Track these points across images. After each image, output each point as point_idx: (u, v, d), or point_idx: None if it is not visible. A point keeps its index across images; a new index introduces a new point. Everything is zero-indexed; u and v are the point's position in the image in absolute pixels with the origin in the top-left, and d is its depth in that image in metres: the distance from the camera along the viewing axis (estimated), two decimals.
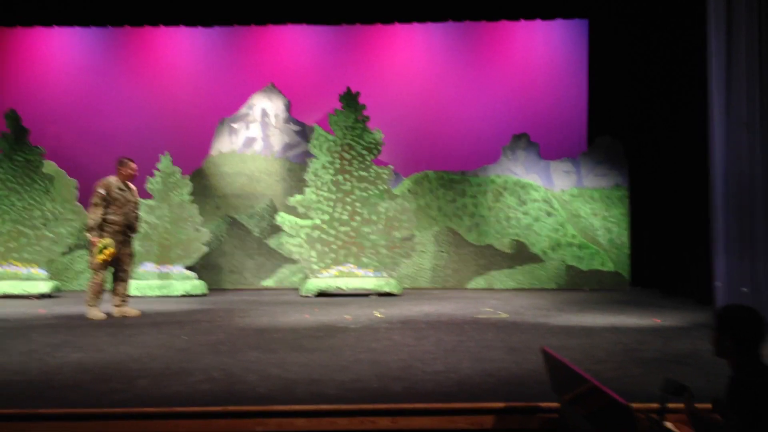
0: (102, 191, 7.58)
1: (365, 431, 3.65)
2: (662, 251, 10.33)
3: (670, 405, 3.10)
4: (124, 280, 7.88)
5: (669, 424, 2.93)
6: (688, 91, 9.08)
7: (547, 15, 11.58)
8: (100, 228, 7.58)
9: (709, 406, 2.95)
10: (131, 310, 7.83)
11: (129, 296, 8.10)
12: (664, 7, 10.04)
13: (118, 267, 7.78)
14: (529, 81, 12.19)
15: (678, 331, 6.57)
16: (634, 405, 2.59)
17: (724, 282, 7.08)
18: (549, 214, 11.40)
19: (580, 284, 11.21)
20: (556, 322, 7.17)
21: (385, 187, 10.43)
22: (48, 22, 11.65)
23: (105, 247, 7.50)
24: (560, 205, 11.42)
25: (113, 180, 7.74)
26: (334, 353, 5.34)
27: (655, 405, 3.42)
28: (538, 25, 12.11)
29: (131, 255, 8.04)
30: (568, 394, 3.35)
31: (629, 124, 11.36)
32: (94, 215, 7.55)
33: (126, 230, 7.82)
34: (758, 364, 2.93)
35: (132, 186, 7.96)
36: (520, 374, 4.58)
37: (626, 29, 11.32)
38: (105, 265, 7.59)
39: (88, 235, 7.59)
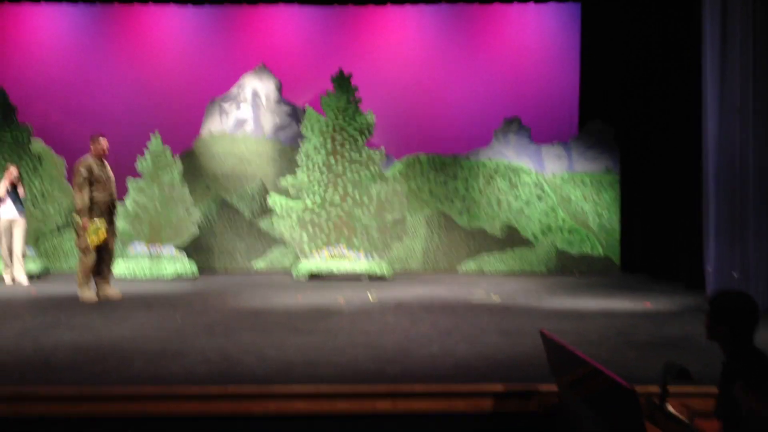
0: (84, 171, 7.47)
1: (365, 414, 3.66)
2: (652, 236, 10.38)
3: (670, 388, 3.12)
4: (108, 261, 7.78)
5: (670, 407, 2.96)
6: (681, 77, 9.09)
7: None
8: (88, 209, 7.49)
9: (709, 389, 2.97)
10: (113, 291, 7.75)
11: (112, 277, 8.03)
12: None
13: (102, 247, 7.66)
14: (521, 64, 12.15)
15: (669, 315, 6.63)
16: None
17: (714, 267, 7.16)
18: (540, 198, 11.43)
19: (570, 268, 11.26)
20: (548, 305, 7.21)
21: (377, 169, 10.40)
22: None
23: (98, 229, 7.43)
24: (551, 189, 11.44)
25: (90, 159, 7.63)
26: (330, 335, 5.34)
27: (653, 388, 3.45)
28: (531, 8, 12.06)
29: (115, 234, 7.97)
30: (567, 377, 3.36)
31: (621, 108, 11.36)
32: (82, 197, 7.43)
33: (110, 208, 7.74)
34: (752, 349, 2.95)
35: (106, 162, 7.84)
36: (516, 357, 4.61)
37: (619, 13, 11.28)
38: (95, 246, 7.52)
39: (77, 217, 7.48)
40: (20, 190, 9.34)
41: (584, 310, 6.89)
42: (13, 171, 9.23)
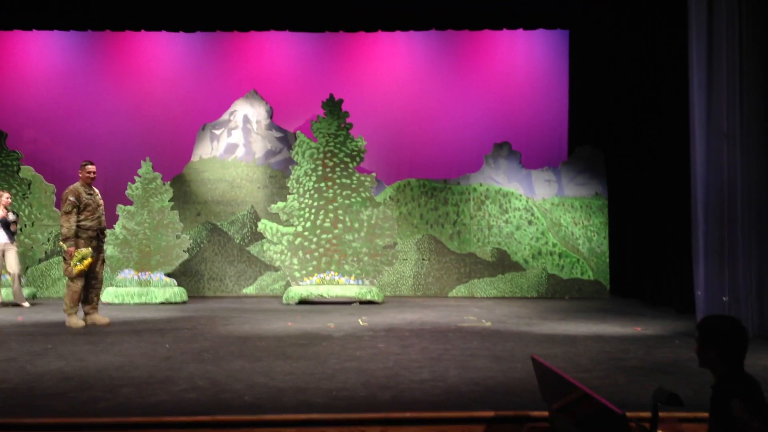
0: (72, 198, 7.48)
1: None
2: (642, 260, 10.41)
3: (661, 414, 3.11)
4: (96, 288, 7.76)
5: None
6: (669, 102, 9.19)
7: (529, 25, 11.66)
8: (75, 235, 7.48)
9: (700, 414, 2.96)
10: (101, 318, 7.71)
11: (100, 303, 8.02)
12: (644, 18, 10.15)
13: (91, 274, 7.65)
14: (511, 90, 12.26)
15: (660, 339, 6.62)
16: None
17: (704, 291, 7.16)
18: (530, 223, 11.46)
19: (561, 293, 11.27)
20: (539, 330, 7.20)
21: (368, 194, 10.41)
22: (27, 25, 11.48)
23: (83, 258, 7.40)
24: (541, 213, 11.48)
25: (79, 186, 7.64)
26: (320, 361, 5.31)
27: (643, 413, 3.44)
28: (520, 35, 12.20)
29: (104, 261, 7.99)
30: (558, 402, 3.35)
31: (609, 133, 11.47)
32: (69, 224, 7.44)
33: (99, 235, 7.73)
34: (741, 374, 2.94)
35: (95, 189, 7.86)
36: (507, 383, 4.59)
37: (607, 40, 11.44)
38: (82, 273, 7.49)
39: (63, 245, 7.46)
40: (10, 217, 9.35)
41: (575, 334, 6.88)
42: (6, 198, 9.32)
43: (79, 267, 7.41)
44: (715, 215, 7.03)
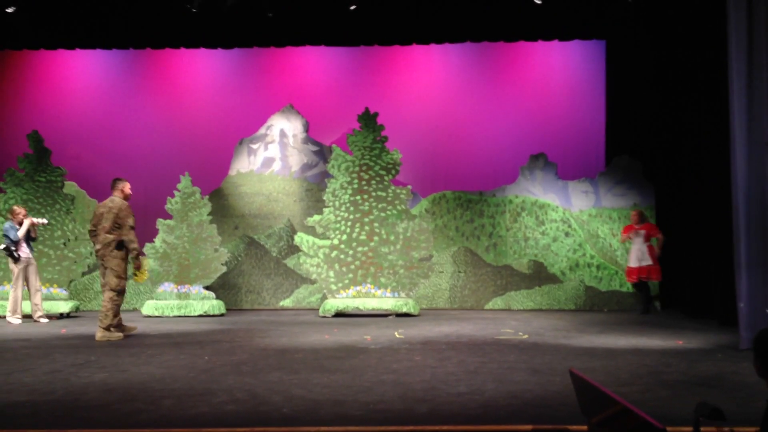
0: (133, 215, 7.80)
1: None
2: (682, 272, 10.23)
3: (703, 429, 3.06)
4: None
5: None
6: (708, 111, 9.05)
7: (564, 36, 11.60)
8: (124, 249, 7.69)
9: (745, 429, 2.91)
10: (130, 326, 8.04)
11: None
12: (682, 28, 10.03)
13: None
14: (546, 101, 12.19)
15: (702, 353, 6.50)
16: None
17: (747, 303, 7.01)
18: (567, 235, 11.36)
19: (599, 305, 11.13)
20: (577, 343, 7.12)
21: (403, 207, 10.44)
22: (71, 45, 11.82)
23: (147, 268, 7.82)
24: (578, 225, 11.38)
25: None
26: (357, 374, 5.33)
27: (685, 428, 3.39)
28: (556, 46, 12.14)
29: None
30: (597, 416, 3.31)
31: (647, 143, 11.33)
32: (136, 238, 7.72)
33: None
34: None
35: None
36: (545, 396, 4.55)
37: (644, 49, 11.33)
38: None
39: (141, 259, 7.90)
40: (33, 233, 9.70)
41: (614, 347, 6.79)
42: (24, 215, 9.55)
43: (145, 276, 7.81)
44: (757, 226, 6.88)
